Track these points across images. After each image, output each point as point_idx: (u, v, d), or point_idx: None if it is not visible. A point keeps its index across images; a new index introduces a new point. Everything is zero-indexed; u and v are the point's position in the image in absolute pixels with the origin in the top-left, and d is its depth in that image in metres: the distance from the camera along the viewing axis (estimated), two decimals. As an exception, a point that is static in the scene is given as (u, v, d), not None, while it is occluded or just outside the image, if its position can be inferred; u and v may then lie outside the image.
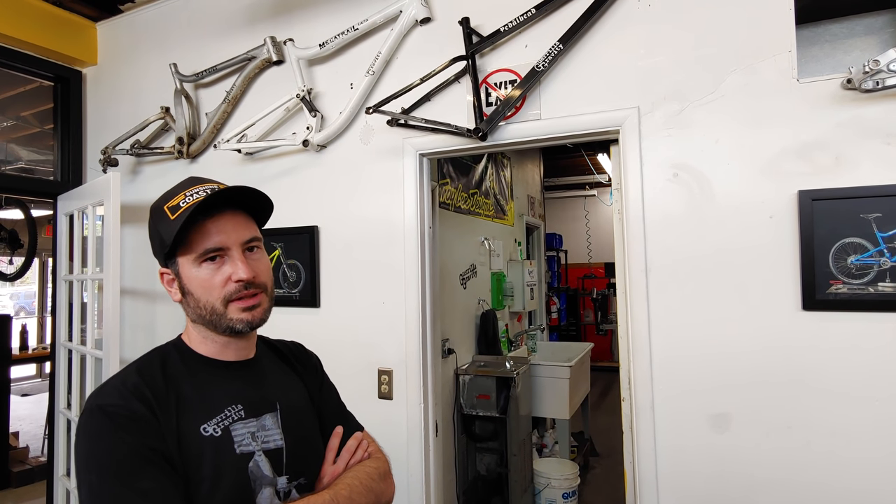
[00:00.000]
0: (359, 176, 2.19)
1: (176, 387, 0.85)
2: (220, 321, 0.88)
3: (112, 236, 2.28)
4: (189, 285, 0.89)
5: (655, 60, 1.73)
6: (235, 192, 0.90)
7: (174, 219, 0.86)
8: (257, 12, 2.45)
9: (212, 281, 0.88)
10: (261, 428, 0.89)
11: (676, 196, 1.69)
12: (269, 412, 0.92)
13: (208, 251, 0.87)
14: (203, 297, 0.88)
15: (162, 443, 0.79)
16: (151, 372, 0.86)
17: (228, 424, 0.86)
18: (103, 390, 0.83)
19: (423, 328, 2.06)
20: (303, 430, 0.96)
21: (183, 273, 0.89)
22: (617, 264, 1.89)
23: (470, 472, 3.27)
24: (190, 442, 0.81)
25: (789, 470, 1.54)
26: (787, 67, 1.58)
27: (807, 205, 1.53)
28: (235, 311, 0.88)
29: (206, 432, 0.83)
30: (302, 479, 0.92)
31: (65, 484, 2.64)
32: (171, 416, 0.81)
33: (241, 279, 0.87)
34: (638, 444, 1.71)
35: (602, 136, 1.85)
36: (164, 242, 0.88)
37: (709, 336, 1.64)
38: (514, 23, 1.87)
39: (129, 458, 0.75)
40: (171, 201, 0.89)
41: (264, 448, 0.88)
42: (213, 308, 0.88)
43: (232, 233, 0.89)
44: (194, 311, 0.90)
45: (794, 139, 1.57)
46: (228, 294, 0.88)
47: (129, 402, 0.79)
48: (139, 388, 0.81)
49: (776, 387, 1.56)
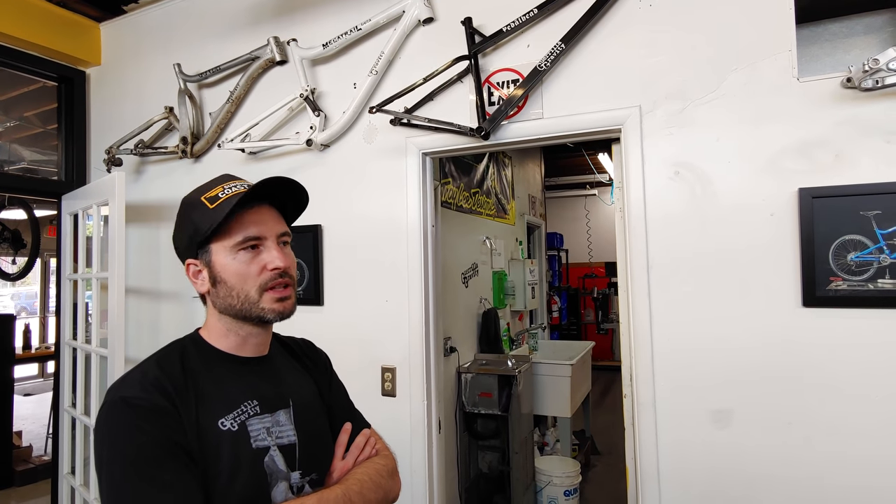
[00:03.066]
0: (362, 175, 2.21)
1: (195, 381, 0.86)
2: (251, 309, 0.90)
3: (117, 235, 2.29)
4: (223, 273, 0.90)
5: (657, 59, 1.74)
6: (276, 183, 0.92)
7: (214, 208, 0.88)
8: (261, 12, 2.46)
9: (248, 269, 0.89)
10: (275, 423, 0.91)
11: (678, 194, 1.71)
12: (282, 408, 0.93)
13: (248, 239, 0.89)
14: (238, 285, 0.89)
15: (183, 436, 0.80)
16: (171, 365, 0.87)
17: (245, 419, 0.87)
18: (125, 382, 0.84)
19: (425, 326, 2.08)
20: (314, 426, 0.98)
21: (217, 262, 0.90)
22: (619, 262, 1.90)
23: (472, 469, 3.29)
24: (209, 435, 0.83)
25: (789, 465, 1.55)
26: (787, 66, 1.60)
27: (807, 202, 1.54)
28: (269, 301, 0.90)
29: (223, 426, 0.85)
30: (314, 474, 0.94)
31: (70, 482, 2.65)
32: (190, 410, 0.83)
33: (277, 267, 0.90)
34: (640, 440, 1.73)
35: (604, 135, 1.86)
36: (200, 231, 0.89)
37: (710, 332, 1.65)
38: (516, 23, 1.89)
39: (150, 450, 0.76)
40: (209, 192, 0.91)
41: (278, 443, 0.90)
42: (248, 296, 0.89)
43: (269, 224, 0.92)
44: (224, 301, 0.91)
45: (795, 137, 1.58)
46: (264, 282, 0.90)
47: (151, 395, 0.80)
48: (160, 381, 0.83)
49: (777, 383, 1.57)
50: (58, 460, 2.77)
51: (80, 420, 2.55)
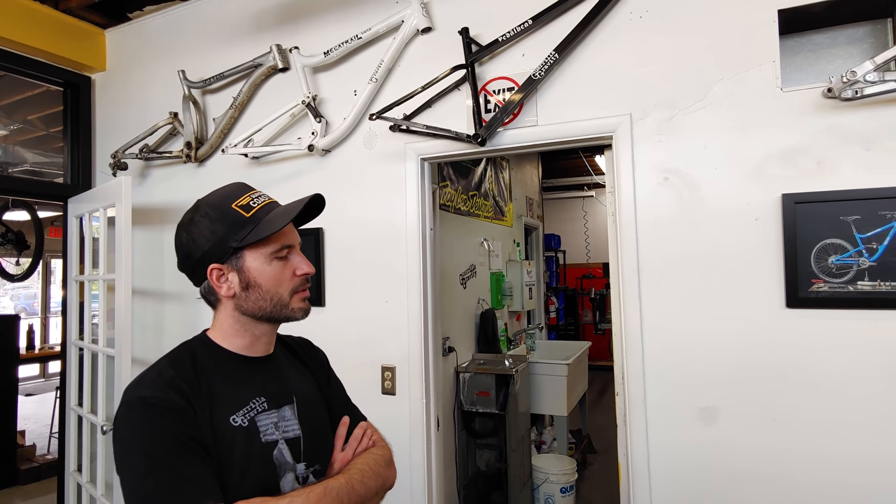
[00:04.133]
0: (362, 180, 2.27)
1: (206, 380, 0.92)
2: (282, 311, 0.98)
3: (124, 238, 2.35)
4: (259, 278, 0.95)
5: (647, 69, 1.81)
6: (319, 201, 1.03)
7: (251, 216, 0.94)
8: (263, 21, 2.52)
9: (283, 274, 0.97)
10: (281, 419, 0.97)
11: (667, 199, 1.77)
12: (287, 404, 1.00)
13: (284, 247, 0.97)
14: (273, 289, 0.96)
15: (199, 431, 0.85)
16: (183, 366, 0.92)
17: (254, 415, 0.94)
18: (142, 383, 0.89)
19: (424, 326, 2.14)
20: (316, 420, 1.04)
21: (251, 267, 0.95)
22: (611, 265, 1.97)
23: (470, 467, 3.35)
24: (222, 431, 0.88)
25: (774, 462, 1.62)
26: (771, 77, 1.66)
27: (790, 207, 1.61)
28: (298, 302, 0.99)
29: (235, 423, 0.90)
30: (317, 465, 1.00)
31: (76, 479, 2.71)
32: (204, 407, 0.88)
33: (305, 273, 0.99)
34: (631, 437, 1.79)
35: (596, 142, 1.93)
36: (234, 238, 0.93)
37: (698, 333, 1.71)
38: (511, 33, 1.95)
39: (170, 446, 0.81)
40: (239, 201, 0.96)
41: (285, 437, 0.96)
42: (280, 299, 0.97)
43: (295, 233, 1.01)
44: (255, 304, 0.96)
45: (779, 145, 1.65)
46: (295, 286, 0.99)
47: (168, 394, 0.85)
48: (175, 380, 0.88)
49: (761, 381, 1.64)
50: (64, 458, 2.83)
51: (86, 418, 2.61)
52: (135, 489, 0.81)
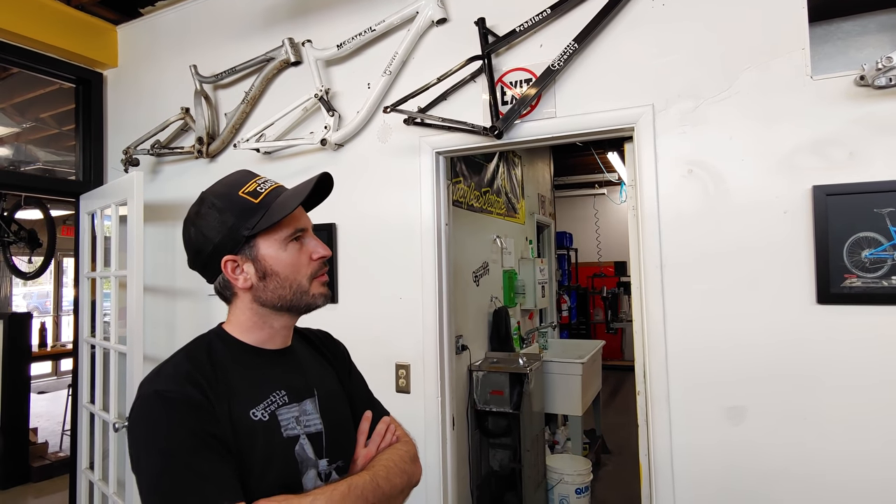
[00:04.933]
0: (376, 174, 2.23)
1: (224, 373, 0.88)
2: (302, 298, 0.93)
3: (136, 234, 2.33)
4: (276, 265, 0.91)
5: (670, 58, 1.75)
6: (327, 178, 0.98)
7: (260, 202, 0.90)
8: (275, 14, 2.49)
9: (300, 259, 0.93)
10: (302, 413, 0.93)
11: (691, 192, 1.72)
12: (308, 397, 0.96)
13: (298, 231, 0.93)
14: (291, 276, 0.92)
15: (217, 427, 0.81)
16: (200, 359, 0.88)
17: (275, 409, 0.89)
18: (158, 377, 0.85)
19: (439, 323, 2.10)
20: (338, 414, 1.00)
21: (265, 255, 0.91)
22: (631, 260, 1.92)
23: (483, 467, 3.31)
24: (242, 426, 0.84)
25: (804, 461, 1.56)
26: (800, 64, 1.61)
27: (821, 200, 1.55)
28: (318, 287, 0.95)
29: (255, 416, 0.86)
30: (340, 461, 0.96)
31: (88, 476, 2.70)
32: (222, 401, 0.83)
33: (322, 256, 0.95)
34: (653, 437, 1.74)
35: (617, 134, 1.88)
36: (245, 226, 0.89)
37: (724, 329, 1.66)
38: (529, 23, 1.90)
39: (187, 442, 0.77)
40: (245, 188, 0.92)
41: (306, 432, 0.92)
42: (300, 285, 0.93)
43: (306, 216, 0.98)
44: (274, 293, 0.92)
45: (808, 135, 1.59)
46: (314, 271, 0.94)
47: (185, 388, 0.81)
48: (192, 374, 0.84)
49: (791, 379, 1.58)
50: (76, 455, 2.81)
51: (98, 415, 2.59)
52: (151, 488, 0.77)
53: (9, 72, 3.23)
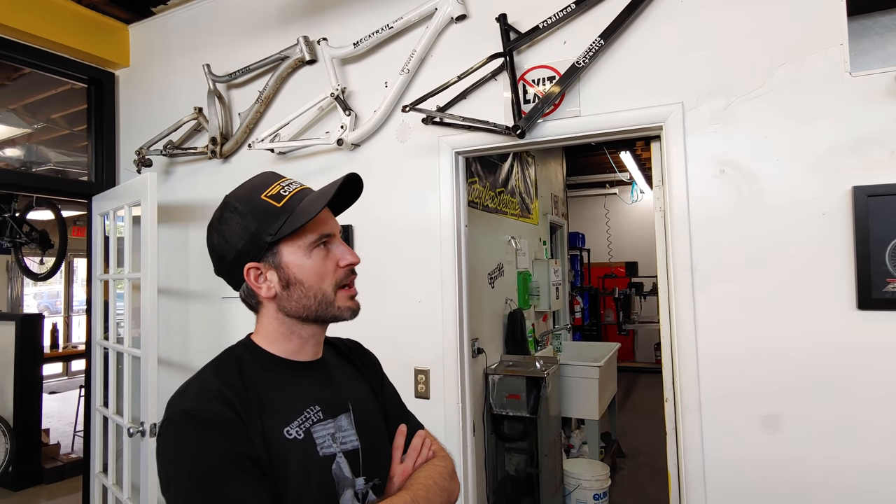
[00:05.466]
0: (393, 175, 2.19)
1: (255, 389, 0.83)
2: (328, 309, 0.88)
3: (150, 236, 2.30)
4: (299, 273, 0.86)
5: (700, 55, 1.69)
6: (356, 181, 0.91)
7: (283, 206, 0.85)
8: (290, 12, 2.45)
9: (325, 267, 0.87)
10: (338, 429, 0.88)
11: (723, 193, 1.66)
12: (343, 413, 0.91)
13: (323, 236, 0.87)
14: (316, 285, 0.87)
15: (251, 447, 0.76)
16: (230, 374, 0.83)
17: (309, 426, 0.84)
18: (186, 394, 0.81)
19: (459, 328, 2.05)
20: (373, 429, 0.95)
21: (289, 262, 0.86)
22: (659, 263, 1.86)
23: (498, 472, 3.25)
24: (276, 445, 0.79)
25: (842, 473, 1.50)
26: (838, 60, 1.54)
27: (862, 201, 1.49)
28: (344, 300, 0.89)
29: (289, 435, 0.82)
30: (376, 479, 0.91)
31: (101, 480, 2.67)
32: (255, 419, 0.79)
33: (350, 263, 0.89)
34: (684, 445, 1.68)
35: (644, 133, 1.82)
36: (268, 231, 0.84)
37: (758, 336, 1.60)
38: (553, 18, 1.85)
39: (219, 464, 0.73)
40: (269, 190, 0.87)
41: (343, 449, 0.87)
42: (325, 295, 0.87)
43: (333, 221, 0.91)
44: (298, 303, 0.87)
45: (847, 134, 1.53)
46: (339, 280, 0.88)
47: (215, 406, 0.77)
48: (222, 391, 0.79)
49: (829, 388, 1.52)
50: (89, 459, 2.79)
51: (112, 419, 2.56)
52: None
53: (20, 72, 3.21)
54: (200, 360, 2.78)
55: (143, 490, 2.22)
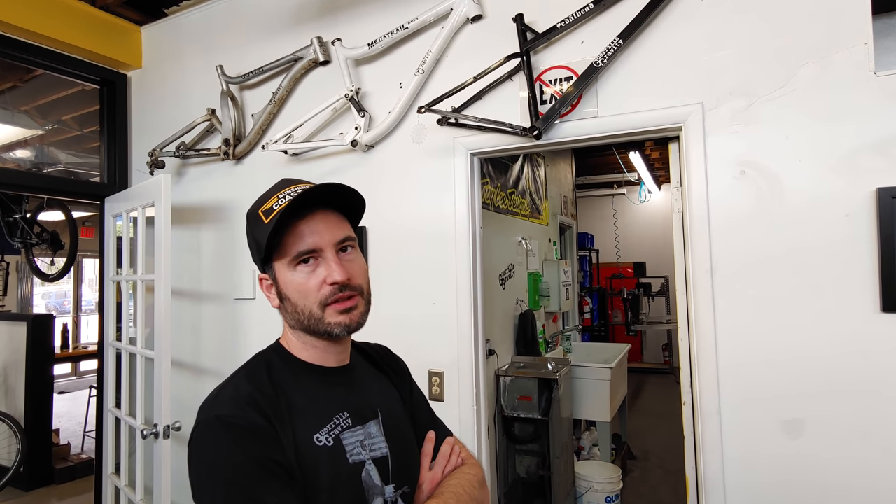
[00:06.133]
0: (407, 176, 2.18)
1: (285, 395, 0.83)
2: (318, 326, 0.86)
3: (164, 238, 2.30)
4: (286, 290, 0.87)
5: (721, 54, 1.68)
6: (325, 190, 0.86)
7: (268, 222, 0.84)
8: (303, 13, 2.45)
9: (307, 284, 0.85)
10: (367, 436, 0.87)
11: (744, 194, 1.64)
12: (372, 419, 0.90)
13: (301, 253, 0.85)
14: (300, 302, 0.85)
15: (282, 454, 0.76)
16: (261, 380, 0.83)
17: (339, 433, 0.84)
18: (218, 400, 0.81)
19: (474, 330, 2.04)
20: (403, 436, 0.94)
21: (280, 278, 0.87)
22: (677, 265, 1.84)
23: (510, 475, 3.24)
24: (306, 453, 0.79)
25: (867, 476, 1.48)
26: (863, 60, 1.52)
27: (886, 202, 1.47)
28: (332, 315, 0.85)
29: (319, 442, 0.81)
30: (406, 487, 0.90)
31: (114, 482, 2.67)
32: (286, 426, 0.79)
33: (335, 281, 0.84)
34: (703, 449, 1.67)
35: (662, 134, 1.80)
36: (260, 247, 0.86)
37: (780, 339, 1.58)
38: (571, 18, 1.84)
39: (251, 471, 0.73)
40: (266, 205, 0.87)
41: (372, 456, 0.86)
42: (311, 312, 0.85)
43: (325, 233, 0.86)
44: (293, 317, 0.88)
45: (872, 134, 1.51)
46: (324, 298, 0.85)
47: (247, 413, 0.77)
48: (254, 397, 0.79)
49: (853, 391, 1.50)
50: (101, 460, 2.79)
51: (124, 421, 2.56)
52: None
53: (33, 74, 3.22)
54: (212, 361, 2.79)
55: (157, 492, 2.22)
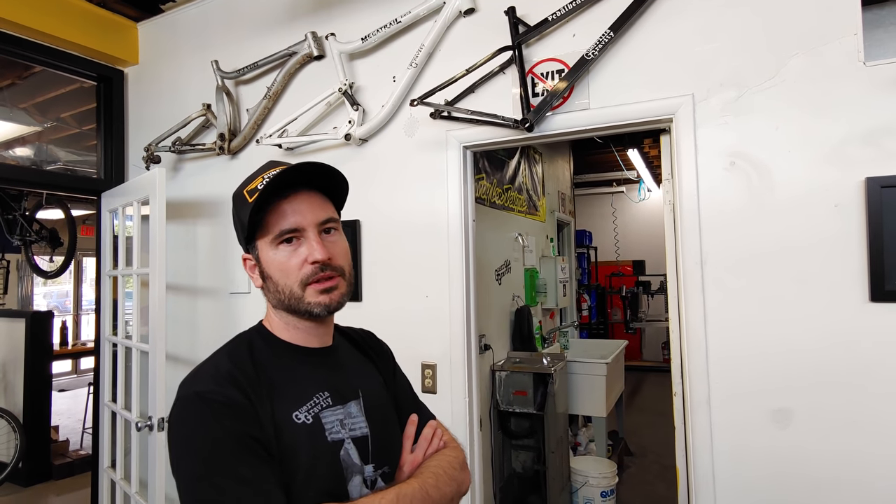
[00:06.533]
0: (400, 170, 2.18)
1: (265, 373, 0.84)
2: (298, 305, 0.87)
3: (158, 232, 2.30)
4: (268, 269, 0.88)
5: (711, 46, 1.68)
6: (308, 170, 0.87)
7: (252, 201, 0.85)
8: (298, 8, 2.45)
9: (289, 263, 0.86)
10: (347, 415, 0.88)
11: (734, 185, 1.64)
12: (353, 399, 0.91)
13: (284, 232, 0.86)
14: (282, 281, 0.87)
15: (260, 430, 0.77)
16: (241, 358, 0.84)
17: (318, 412, 0.85)
18: (198, 377, 0.82)
19: (467, 322, 2.04)
20: (384, 417, 0.95)
21: (262, 257, 0.89)
22: (668, 258, 1.84)
23: (505, 469, 3.25)
24: (284, 430, 0.80)
25: (856, 468, 1.48)
26: (852, 50, 1.52)
27: (875, 192, 1.47)
28: (313, 294, 0.86)
29: (298, 419, 0.82)
30: (386, 467, 0.91)
31: (110, 475, 2.68)
32: (265, 403, 0.80)
33: (316, 260, 0.85)
34: (693, 441, 1.67)
35: (654, 126, 1.81)
36: (244, 226, 0.88)
37: (769, 328, 1.58)
38: (561, 11, 1.84)
39: (228, 446, 0.74)
40: (251, 185, 0.88)
41: (352, 436, 0.87)
42: (292, 291, 0.86)
43: (308, 213, 0.87)
44: (274, 297, 0.89)
45: (861, 125, 1.51)
46: (305, 277, 0.86)
47: (226, 389, 0.78)
48: (233, 374, 0.80)
49: (842, 381, 1.50)
50: (98, 454, 2.80)
51: (120, 414, 2.57)
52: (189, 493, 0.73)
53: (31, 70, 3.24)
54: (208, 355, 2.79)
55: (151, 484, 2.23)
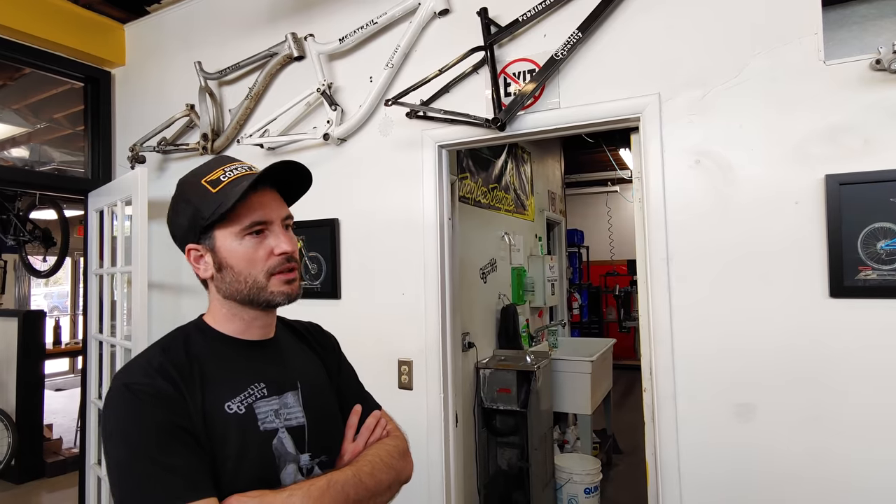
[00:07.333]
0: (378, 169, 2.21)
1: (200, 365, 0.86)
2: (259, 294, 0.89)
3: (140, 231, 2.33)
4: (230, 258, 0.89)
5: (677, 46, 1.70)
6: (284, 167, 0.91)
7: (218, 192, 0.87)
8: (278, 9, 2.48)
9: (255, 254, 0.88)
10: (283, 406, 0.90)
11: (698, 183, 1.67)
12: (290, 390, 0.93)
13: (255, 223, 0.88)
14: (245, 271, 0.88)
15: (188, 420, 0.79)
16: (175, 351, 0.86)
17: (252, 402, 0.87)
18: (129, 369, 0.84)
19: (442, 319, 2.07)
20: (323, 408, 0.97)
21: (222, 247, 0.89)
22: (638, 255, 1.87)
23: (491, 466, 3.27)
24: (215, 419, 0.82)
25: (817, 463, 1.50)
26: (812, 50, 1.55)
27: (834, 189, 1.49)
28: (277, 284, 0.90)
29: (230, 410, 0.84)
30: (324, 456, 0.93)
31: (96, 472, 2.71)
32: (196, 395, 0.82)
33: (284, 252, 0.89)
34: (660, 435, 1.69)
35: (622, 124, 1.83)
36: (202, 215, 0.88)
37: (733, 324, 1.61)
38: (532, 12, 1.87)
39: (156, 435, 0.76)
40: (210, 175, 0.89)
41: (287, 425, 0.89)
42: (255, 281, 0.89)
43: (274, 208, 0.91)
44: (230, 286, 0.90)
45: (821, 122, 1.53)
46: (272, 267, 0.89)
47: (155, 381, 0.80)
48: (164, 366, 0.82)
49: (803, 375, 1.52)
50: (85, 451, 2.83)
51: (105, 412, 2.60)
52: (118, 481, 0.75)
53: (22, 72, 3.27)
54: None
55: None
